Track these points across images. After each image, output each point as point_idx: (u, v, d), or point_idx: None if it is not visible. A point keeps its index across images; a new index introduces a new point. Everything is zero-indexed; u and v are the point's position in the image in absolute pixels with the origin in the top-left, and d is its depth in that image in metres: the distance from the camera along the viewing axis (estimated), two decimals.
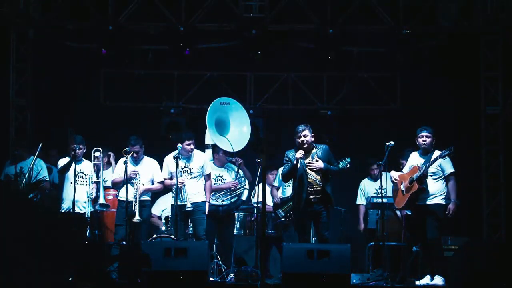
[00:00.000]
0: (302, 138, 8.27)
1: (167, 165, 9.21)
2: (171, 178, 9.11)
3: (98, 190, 9.32)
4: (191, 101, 11.39)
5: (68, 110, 10.89)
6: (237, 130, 9.60)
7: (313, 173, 8.27)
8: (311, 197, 8.24)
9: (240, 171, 9.67)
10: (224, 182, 9.64)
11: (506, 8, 10.21)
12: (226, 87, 11.34)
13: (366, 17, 10.68)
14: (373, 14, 10.66)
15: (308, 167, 8.23)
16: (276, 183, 9.90)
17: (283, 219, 9.48)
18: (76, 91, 11.12)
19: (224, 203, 9.45)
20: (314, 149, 8.38)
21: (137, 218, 8.93)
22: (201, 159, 9.20)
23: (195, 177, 9.08)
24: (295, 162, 8.24)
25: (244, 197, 9.81)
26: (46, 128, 10.71)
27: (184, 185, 8.98)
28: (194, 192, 9.07)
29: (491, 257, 7.57)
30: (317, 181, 8.27)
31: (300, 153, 8.23)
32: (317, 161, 8.26)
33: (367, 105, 11.43)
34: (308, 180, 8.23)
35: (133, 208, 8.96)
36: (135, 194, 9.02)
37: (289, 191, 9.55)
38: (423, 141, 8.45)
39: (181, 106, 11.36)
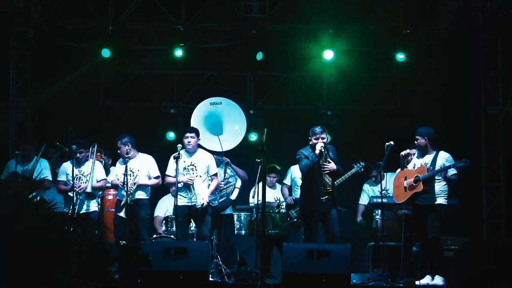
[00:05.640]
0: (321, 141, 8.30)
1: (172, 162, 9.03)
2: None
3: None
4: (191, 101, 11.38)
5: (68, 110, 10.88)
6: (230, 129, 9.58)
7: (326, 175, 8.36)
8: (322, 198, 8.31)
9: (228, 170, 9.61)
10: None
11: (506, 8, 10.22)
12: (226, 87, 11.34)
13: (366, 17, 10.69)
14: (373, 14, 10.66)
15: (322, 168, 8.27)
16: (287, 182, 9.91)
17: (295, 219, 9.48)
18: (76, 91, 11.10)
19: (211, 204, 9.33)
20: (326, 150, 8.42)
21: (122, 214, 8.90)
22: (206, 159, 9.07)
23: (200, 176, 8.97)
24: (317, 154, 8.25)
25: (233, 197, 9.72)
26: (46, 128, 10.70)
27: (193, 183, 8.88)
28: (199, 192, 8.94)
29: (491, 257, 7.58)
30: (329, 183, 8.41)
31: (320, 145, 8.25)
32: (329, 162, 8.31)
33: (367, 105, 11.43)
34: (323, 182, 8.33)
35: (127, 201, 8.90)
36: (129, 188, 8.96)
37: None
38: (415, 142, 8.50)
39: (181, 106, 11.37)
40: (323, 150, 8.29)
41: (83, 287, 6.41)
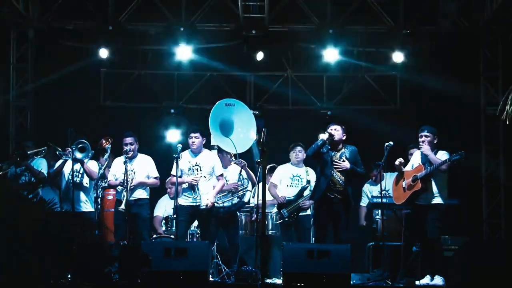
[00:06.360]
0: (332, 132, 8.34)
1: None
2: (181, 176, 8.88)
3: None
4: (191, 101, 11.39)
5: (68, 110, 10.89)
6: (241, 132, 9.55)
7: (338, 173, 8.34)
8: (332, 196, 8.30)
9: (243, 172, 9.62)
10: (227, 183, 9.58)
11: (506, 8, 10.21)
12: (226, 87, 11.34)
13: (366, 17, 10.70)
14: (373, 14, 10.67)
15: (334, 166, 8.29)
16: (276, 181, 9.85)
17: (286, 219, 9.47)
18: (76, 91, 11.11)
19: (225, 204, 9.36)
20: (343, 148, 8.43)
21: (122, 207, 8.90)
22: (211, 159, 9.03)
23: (204, 176, 8.94)
24: (322, 139, 8.29)
25: (246, 199, 9.75)
26: (46, 128, 10.70)
27: (197, 183, 8.85)
28: (204, 193, 8.89)
29: (491, 257, 7.57)
30: (341, 181, 8.36)
31: (327, 133, 8.30)
32: (343, 161, 8.31)
33: (367, 105, 11.43)
34: (332, 179, 8.30)
35: (122, 197, 8.90)
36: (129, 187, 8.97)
37: (289, 191, 9.53)
38: (422, 141, 8.43)
39: (181, 106, 11.37)
40: (331, 135, 8.29)
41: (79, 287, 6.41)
